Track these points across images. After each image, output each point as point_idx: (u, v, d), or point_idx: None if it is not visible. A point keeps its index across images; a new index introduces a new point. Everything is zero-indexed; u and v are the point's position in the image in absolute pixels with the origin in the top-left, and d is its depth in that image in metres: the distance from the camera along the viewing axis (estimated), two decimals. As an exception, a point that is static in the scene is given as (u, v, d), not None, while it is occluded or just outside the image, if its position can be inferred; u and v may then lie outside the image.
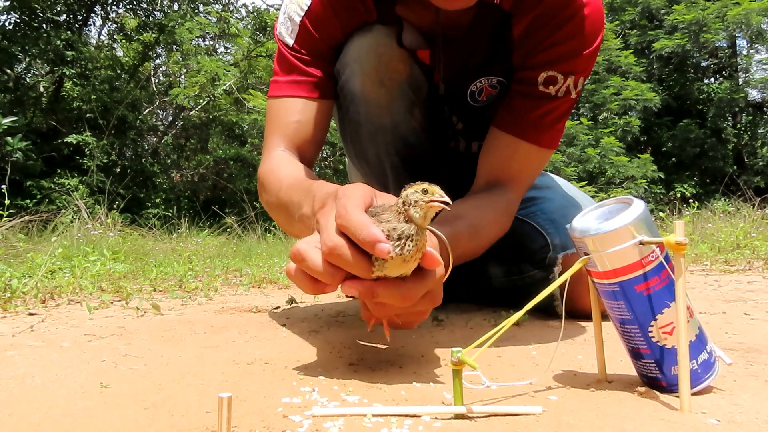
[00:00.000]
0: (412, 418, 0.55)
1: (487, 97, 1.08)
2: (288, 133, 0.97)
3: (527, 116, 0.96)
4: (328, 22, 0.96)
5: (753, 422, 0.54)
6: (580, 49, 0.92)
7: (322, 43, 0.98)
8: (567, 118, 1.00)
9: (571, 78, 0.93)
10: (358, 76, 0.98)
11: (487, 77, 1.06)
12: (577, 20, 0.90)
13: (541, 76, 0.94)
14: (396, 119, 1.03)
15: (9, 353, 0.85)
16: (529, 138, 0.96)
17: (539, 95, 0.95)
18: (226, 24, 9.83)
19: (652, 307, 0.60)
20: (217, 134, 9.96)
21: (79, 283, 1.64)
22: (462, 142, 1.21)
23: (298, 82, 0.98)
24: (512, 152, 0.98)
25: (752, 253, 2.66)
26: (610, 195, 7.98)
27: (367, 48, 0.97)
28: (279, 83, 0.99)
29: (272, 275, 2.12)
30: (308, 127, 0.98)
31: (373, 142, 1.05)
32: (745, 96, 10.43)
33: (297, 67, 0.98)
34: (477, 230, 0.89)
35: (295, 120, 0.97)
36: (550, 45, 0.92)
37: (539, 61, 0.94)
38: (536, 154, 0.99)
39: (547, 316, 1.15)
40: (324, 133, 1.02)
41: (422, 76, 1.05)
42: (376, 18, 0.99)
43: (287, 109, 0.98)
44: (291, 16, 0.97)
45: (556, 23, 0.91)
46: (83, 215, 3.74)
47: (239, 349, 0.88)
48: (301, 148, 0.98)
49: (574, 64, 0.93)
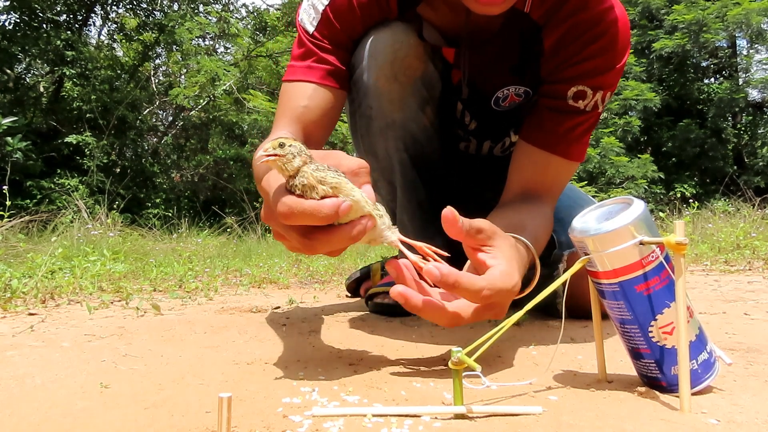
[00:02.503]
0: (412, 418, 0.55)
1: (510, 103, 1.09)
2: (295, 116, 0.97)
3: (558, 131, 0.96)
4: (350, 13, 0.96)
5: (753, 422, 0.54)
6: (611, 65, 0.92)
7: (342, 34, 0.98)
8: (592, 132, 1.01)
9: (600, 93, 0.94)
10: (372, 70, 0.98)
11: (514, 86, 1.06)
12: (610, 36, 0.91)
13: (571, 91, 0.93)
14: (407, 115, 1.03)
15: (9, 353, 0.85)
16: (559, 152, 0.97)
17: (568, 109, 0.95)
18: (226, 24, 9.83)
19: (652, 307, 0.60)
20: (217, 134, 9.96)
21: (79, 283, 1.64)
22: (473, 142, 1.21)
23: (311, 68, 0.98)
24: (544, 166, 0.98)
25: (752, 253, 2.66)
26: (610, 195, 7.98)
27: (384, 43, 0.97)
28: (294, 68, 1.00)
29: (272, 275, 2.12)
30: (316, 112, 0.97)
31: (383, 137, 1.05)
32: (745, 96, 10.43)
33: (314, 53, 0.98)
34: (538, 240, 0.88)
35: (303, 104, 0.97)
36: (582, 59, 0.92)
37: (570, 75, 0.93)
38: (566, 167, 0.99)
39: (547, 316, 1.15)
40: (333, 121, 1.01)
41: (437, 75, 1.05)
42: (397, 16, 0.99)
43: (297, 93, 0.98)
44: (314, 4, 0.97)
45: (588, 38, 0.91)
46: (83, 215, 3.74)
47: (239, 349, 0.88)
48: (307, 132, 0.97)
49: (604, 79, 0.93)
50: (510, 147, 1.24)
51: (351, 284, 1.58)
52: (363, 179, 0.64)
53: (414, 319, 1.15)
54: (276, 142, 0.61)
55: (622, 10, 0.92)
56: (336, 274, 2.30)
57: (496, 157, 1.25)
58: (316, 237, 0.62)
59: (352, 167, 0.64)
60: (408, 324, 1.10)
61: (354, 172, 0.63)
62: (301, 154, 0.61)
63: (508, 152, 1.24)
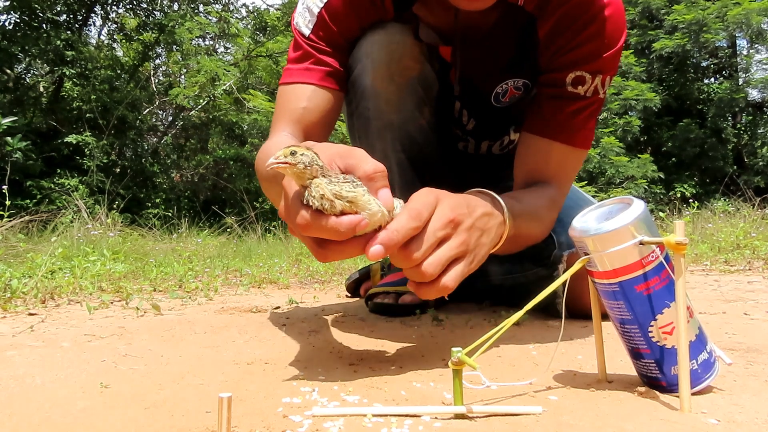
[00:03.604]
0: (412, 418, 0.55)
1: (510, 98, 1.09)
2: (294, 118, 0.97)
3: (558, 118, 0.96)
4: (345, 15, 0.97)
5: (753, 422, 0.54)
6: (606, 49, 0.92)
7: (338, 36, 0.98)
8: (597, 116, 1.00)
9: (599, 77, 0.94)
10: (368, 71, 0.98)
11: (513, 79, 1.06)
12: (601, 20, 0.91)
13: (570, 77, 0.94)
14: (405, 116, 1.03)
15: (9, 353, 0.85)
16: (562, 139, 0.96)
17: (568, 96, 0.95)
18: (226, 24, 9.83)
19: (652, 307, 0.60)
20: (217, 134, 9.96)
21: (79, 283, 1.64)
22: (471, 141, 1.21)
23: (309, 70, 0.98)
24: (547, 155, 0.97)
25: (752, 253, 2.66)
26: (610, 195, 7.98)
27: (380, 44, 0.97)
28: (291, 70, 1.00)
29: (272, 275, 2.12)
30: (315, 114, 0.97)
31: (381, 138, 1.05)
32: (745, 96, 10.43)
33: (311, 55, 0.98)
34: (530, 210, 0.87)
35: (302, 106, 0.97)
36: (577, 45, 0.92)
37: (566, 62, 0.94)
38: (571, 155, 0.98)
39: (547, 316, 1.15)
40: (332, 122, 1.01)
41: (434, 75, 1.05)
42: (393, 17, 0.99)
43: (296, 95, 0.98)
44: (309, 7, 0.97)
45: (580, 24, 0.91)
46: (83, 215, 3.73)
47: (239, 349, 0.88)
48: (307, 133, 0.98)
49: (601, 63, 0.93)
50: (509, 145, 1.23)
51: (351, 284, 1.58)
52: (380, 183, 0.64)
53: (414, 319, 1.15)
54: (288, 149, 0.60)
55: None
56: (336, 274, 2.30)
57: (495, 156, 1.25)
58: (330, 248, 0.62)
59: (369, 171, 0.63)
60: (408, 324, 1.10)
61: (370, 177, 0.63)
62: (312, 164, 0.59)
63: (507, 150, 1.24)
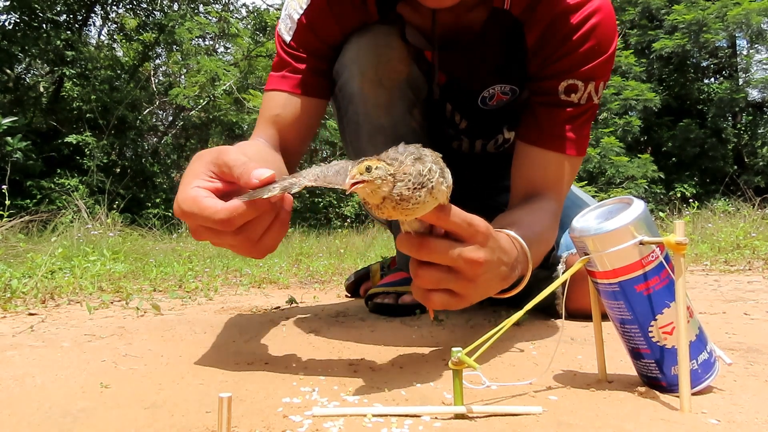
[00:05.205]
0: (412, 418, 0.55)
1: (498, 102, 1.08)
2: (268, 125, 0.98)
3: (553, 127, 0.95)
4: (325, 20, 0.96)
5: (753, 422, 0.54)
6: (597, 56, 0.92)
7: (319, 42, 0.98)
8: (591, 122, 1.00)
9: (592, 84, 0.93)
10: (356, 76, 0.98)
11: (500, 84, 1.05)
12: (590, 27, 0.90)
13: (562, 85, 0.93)
14: (395, 119, 1.03)
15: (9, 353, 0.85)
16: (558, 148, 0.96)
17: (562, 104, 0.94)
18: (226, 24, 9.83)
19: (652, 307, 0.61)
20: (217, 134, 9.95)
21: (79, 283, 1.64)
22: (465, 141, 1.21)
23: (285, 77, 0.99)
24: (544, 165, 0.97)
25: (752, 253, 2.66)
26: (610, 195, 7.98)
27: (366, 48, 0.97)
28: (271, 77, 1.01)
29: (272, 275, 2.12)
30: (288, 121, 0.98)
31: (372, 142, 1.05)
32: (745, 96, 10.42)
33: (287, 63, 0.99)
34: (539, 236, 0.86)
35: (276, 113, 0.98)
36: (566, 53, 0.92)
37: (557, 70, 0.93)
38: (568, 163, 0.98)
39: (547, 316, 1.15)
40: (309, 129, 1.02)
41: (422, 77, 1.05)
42: (377, 19, 0.99)
43: (272, 102, 0.99)
44: (290, 14, 0.97)
45: (568, 31, 0.91)
46: (83, 215, 3.73)
47: (239, 349, 0.88)
48: (281, 141, 0.98)
49: (593, 70, 0.92)
50: (504, 143, 1.23)
51: (351, 284, 1.58)
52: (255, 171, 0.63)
53: (414, 319, 1.15)
54: (362, 166, 0.54)
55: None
56: (336, 274, 2.30)
57: (491, 154, 1.25)
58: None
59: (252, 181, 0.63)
60: (408, 324, 1.10)
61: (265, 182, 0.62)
62: (386, 178, 0.55)
63: (502, 149, 1.24)
